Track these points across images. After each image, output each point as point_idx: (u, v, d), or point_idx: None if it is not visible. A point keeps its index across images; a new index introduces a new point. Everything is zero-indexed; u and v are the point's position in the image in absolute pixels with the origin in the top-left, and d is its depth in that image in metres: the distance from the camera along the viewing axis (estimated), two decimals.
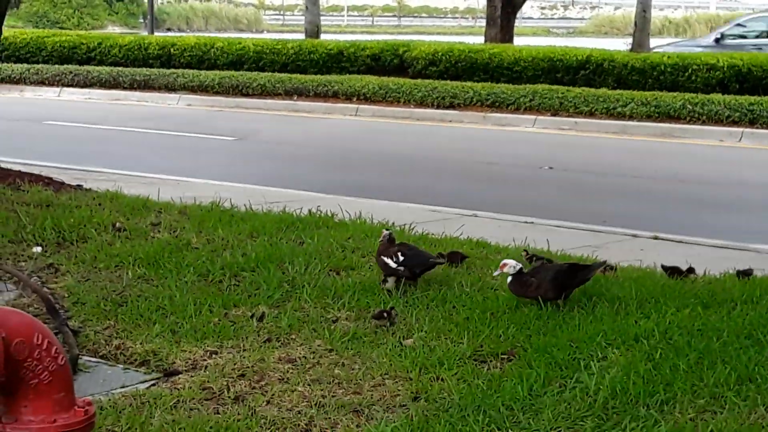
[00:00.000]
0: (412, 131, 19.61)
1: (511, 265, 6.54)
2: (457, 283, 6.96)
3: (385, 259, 6.93)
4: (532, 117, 20.28)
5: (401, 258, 6.87)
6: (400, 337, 5.93)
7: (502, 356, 5.63)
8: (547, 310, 6.31)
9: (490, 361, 5.58)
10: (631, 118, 19.61)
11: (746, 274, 7.34)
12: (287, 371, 5.46)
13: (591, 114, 20.05)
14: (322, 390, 5.21)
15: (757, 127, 18.52)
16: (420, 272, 6.91)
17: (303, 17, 32.18)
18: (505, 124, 20.24)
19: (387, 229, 7.56)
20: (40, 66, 27.39)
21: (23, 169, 12.03)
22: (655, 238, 9.61)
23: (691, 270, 7.49)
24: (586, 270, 6.61)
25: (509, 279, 6.51)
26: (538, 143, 17.95)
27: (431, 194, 12.05)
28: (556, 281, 6.42)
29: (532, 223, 10.32)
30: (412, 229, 8.97)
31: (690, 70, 20.98)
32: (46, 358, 3.42)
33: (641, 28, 26.74)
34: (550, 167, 14.75)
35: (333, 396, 5.14)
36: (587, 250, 8.50)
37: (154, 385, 5.36)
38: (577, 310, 6.32)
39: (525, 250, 7.90)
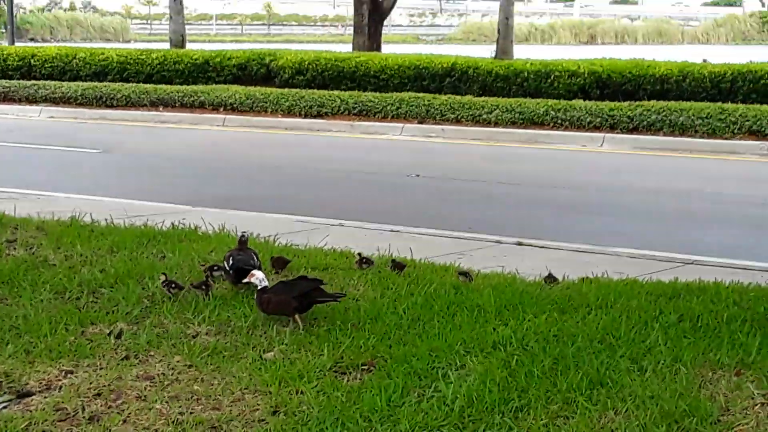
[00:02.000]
0: (279, 141, 19.55)
1: (258, 278, 6.45)
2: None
3: (224, 262, 7.16)
4: (400, 125, 20.40)
5: (231, 261, 7.03)
6: (260, 351, 5.89)
7: (363, 367, 5.62)
8: (408, 319, 6.33)
9: (351, 372, 5.57)
10: (496, 124, 19.89)
11: (553, 279, 7.46)
12: (145, 389, 5.36)
13: (457, 121, 20.27)
14: (180, 407, 5.13)
15: (617, 132, 18.94)
16: (240, 273, 6.88)
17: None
18: (372, 132, 20.31)
19: (243, 233, 7.58)
20: None
21: None
22: (519, 243, 9.72)
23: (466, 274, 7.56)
24: (320, 295, 6.40)
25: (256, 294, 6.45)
26: (406, 151, 18.05)
27: (298, 204, 12.02)
28: (286, 302, 6.27)
29: (398, 231, 10.34)
30: (276, 240, 8.92)
31: (552, 77, 21.33)
32: None
33: (504, 35, 27.08)
34: (417, 175, 14.83)
35: (191, 413, 5.07)
36: (452, 258, 8.56)
37: (5, 407, 5.20)
38: (437, 319, 6.35)
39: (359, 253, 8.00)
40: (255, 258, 7.21)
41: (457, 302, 6.69)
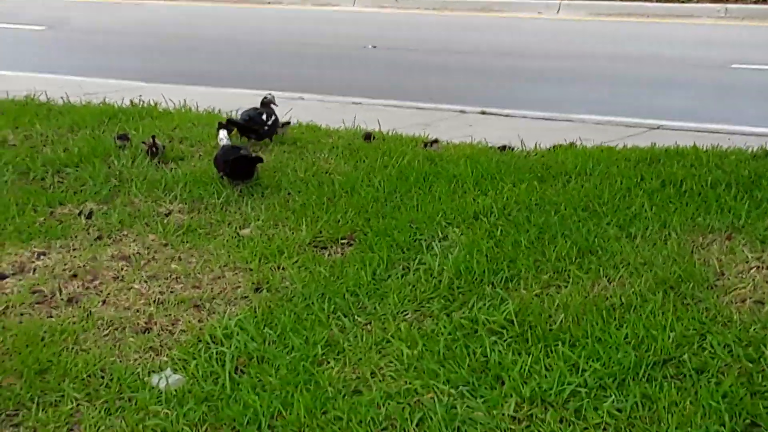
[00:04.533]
0: (230, 14, 19.18)
1: (220, 136, 6.70)
2: (291, 168, 6.81)
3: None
4: None
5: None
6: (236, 228, 5.78)
7: (342, 241, 5.53)
8: (384, 192, 6.24)
9: (331, 247, 5.48)
10: None
11: (504, 148, 7.41)
12: (121, 269, 5.26)
13: None
14: (159, 286, 5.04)
15: None
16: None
17: None
18: (324, 3, 19.95)
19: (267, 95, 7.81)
20: None
21: None
22: (483, 113, 9.61)
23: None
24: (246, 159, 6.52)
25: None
26: (360, 22, 17.77)
27: (255, 78, 11.78)
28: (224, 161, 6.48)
29: (360, 103, 10.19)
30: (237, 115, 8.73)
31: None
32: None
33: None
34: (374, 46, 14.62)
35: (171, 292, 4.97)
36: (418, 128, 8.42)
37: None
38: (414, 191, 6.26)
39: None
40: (266, 116, 7.55)
41: (433, 173, 6.59)
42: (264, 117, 7.59)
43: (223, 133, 6.68)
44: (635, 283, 4.75)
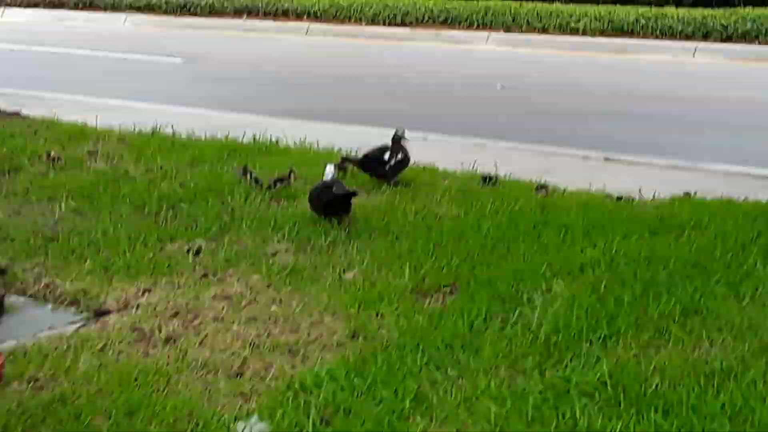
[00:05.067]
0: (363, 50, 19.27)
1: (328, 172, 6.66)
2: (401, 211, 6.77)
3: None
4: (485, 33, 19.96)
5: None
6: (340, 271, 5.74)
7: (445, 289, 5.45)
8: (492, 239, 6.14)
9: (433, 294, 5.41)
10: (584, 33, 19.35)
11: (621, 197, 7.21)
12: (222, 309, 5.26)
13: (544, 30, 19.76)
14: (257, 329, 5.02)
15: (710, 41, 18.33)
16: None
17: None
18: (458, 41, 19.91)
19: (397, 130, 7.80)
20: None
21: None
22: (606, 159, 9.43)
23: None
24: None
25: None
26: (492, 61, 17.69)
27: (382, 116, 11.75)
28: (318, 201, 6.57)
29: (484, 145, 10.11)
30: (357, 152, 8.74)
31: None
32: None
33: None
34: (503, 86, 14.51)
35: (269, 335, 4.95)
36: (538, 173, 8.29)
37: (83, 326, 5.13)
38: (522, 239, 6.14)
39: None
40: (389, 154, 7.60)
41: (543, 221, 6.47)
42: (386, 156, 7.56)
43: (329, 169, 6.66)
44: (738, 348, 4.55)
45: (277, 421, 4.08)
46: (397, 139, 7.66)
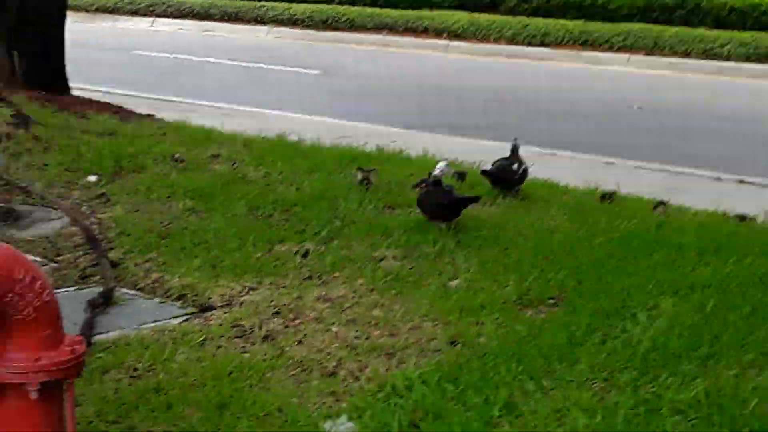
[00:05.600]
0: (501, 69, 19.18)
1: (439, 166, 6.70)
2: (514, 223, 6.67)
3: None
4: (626, 56, 19.70)
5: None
6: (445, 278, 5.68)
7: (549, 301, 5.34)
8: (603, 255, 6.00)
9: (536, 306, 5.30)
10: (728, 59, 18.92)
11: (744, 218, 7.00)
12: (324, 311, 5.24)
13: (686, 54, 19.40)
14: (356, 331, 4.99)
15: None
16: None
17: None
18: (597, 62, 19.68)
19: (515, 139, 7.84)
20: None
21: (105, 98, 12.07)
22: (740, 182, 9.16)
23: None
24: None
25: None
26: (630, 83, 17.42)
27: (512, 132, 11.64)
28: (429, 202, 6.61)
29: (613, 163, 9.95)
30: (483, 165, 8.66)
31: None
32: (28, 294, 3.22)
33: None
34: (639, 107, 14.27)
35: (367, 338, 4.91)
36: (664, 193, 8.06)
37: (186, 320, 5.18)
38: (633, 256, 5.99)
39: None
40: (517, 165, 7.61)
41: (657, 240, 6.30)
42: (515, 167, 7.57)
43: (441, 165, 6.68)
44: None
45: (365, 422, 4.03)
46: (515, 149, 7.61)
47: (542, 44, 20.85)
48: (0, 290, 3.18)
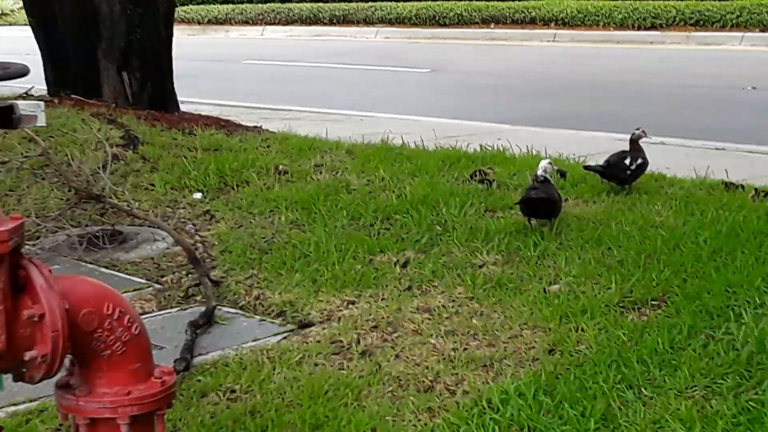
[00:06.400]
0: (611, 55, 18.90)
1: (540, 166, 6.58)
2: (617, 221, 6.53)
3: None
4: (739, 34, 19.22)
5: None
6: (546, 283, 5.58)
7: (653, 302, 5.21)
8: (709, 250, 5.83)
9: (639, 308, 5.16)
10: None
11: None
12: (422, 322, 5.19)
13: None
14: (455, 342, 4.92)
15: None
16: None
17: None
18: (709, 43, 19.26)
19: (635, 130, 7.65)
20: (244, 6, 27.80)
21: (213, 110, 12.23)
22: None
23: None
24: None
25: None
26: (743, 62, 16.99)
27: (623, 121, 11.45)
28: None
29: (723, 149, 9.70)
30: (588, 159, 8.53)
31: None
32: (117, 329, 3.24)
33: None
34: (753, 87, 13.90)
35: (465, 349, 4.84)
36: None
37: (285, 338, 5.18)
38: (741, 250, 5.81)
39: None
40: (630, 160, 7.41)
41: (766, 231, 6.10)
42: (627, 161, 7.39)
43: (543, 164, 6.58)
44: None
45: None
46: (635, 140, 7.44)
47: (652, 27, 20.49)
48: (90, 326, 3.21)
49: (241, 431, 4.17)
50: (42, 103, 3.24)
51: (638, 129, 7.57)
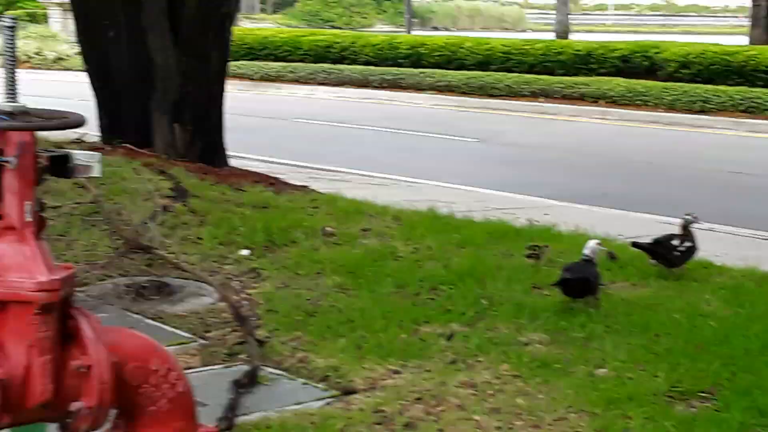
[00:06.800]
0: (659, 136, 18.88)
1: (589, 245, 6.59)
2: (665, 307, 6.48)
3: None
4: None
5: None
6: (593, 366, 5.53)
7: (701, 394, 5.15)
8: (759, 344, 5.77)
9: (687, 399, 5.10)
10: None
11: None
12: (467, 397, 5.15)
13: None
14: (499, 420, 4.88)
15: None
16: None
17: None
18: (759, 130, 19.20)
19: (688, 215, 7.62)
20: (295, 64, 28.07)
21: (261, 166, 12.30)
22: None
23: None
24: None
25: None
26: None
27: (671, 204, 11.40)
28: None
29: None
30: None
31: None
32: (163, 385, 3.25)
33: None
34: None
35: (510, 428, 4.80)
36: None
37: (328, 404, 5.15)
38: None
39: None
40: (679, 241, 7.39)
41: None
42: (675, 242, 7.37)
43: (591, 244, 6.60)
44: None
45: None
46: (685, 225, 7.43)
47: (702, 111, 20.45)
48: (135, 381, 3.21)
49: None
50: (99, 154, 3.25)
51: (690, 214, 7.53)
